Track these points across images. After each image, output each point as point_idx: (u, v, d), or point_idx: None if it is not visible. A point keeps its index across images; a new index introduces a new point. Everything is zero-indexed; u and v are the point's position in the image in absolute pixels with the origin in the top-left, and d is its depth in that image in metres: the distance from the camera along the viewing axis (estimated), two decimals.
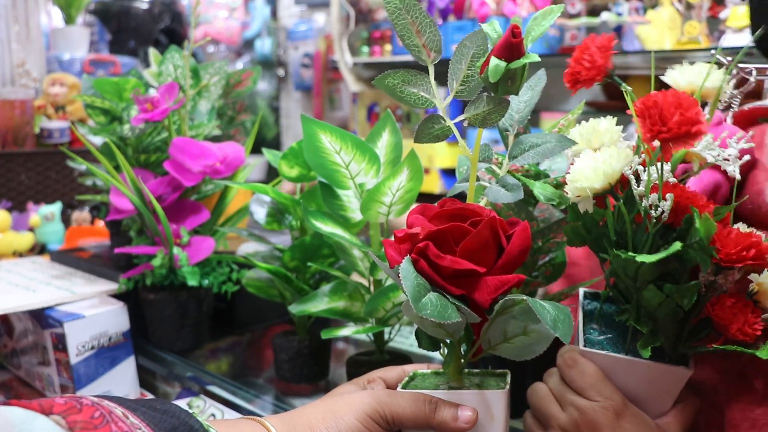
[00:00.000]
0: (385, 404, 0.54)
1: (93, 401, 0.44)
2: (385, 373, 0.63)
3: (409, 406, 0.54)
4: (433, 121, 0.58)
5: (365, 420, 0.53)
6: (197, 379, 0.97)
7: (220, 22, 3.72)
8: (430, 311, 0.49)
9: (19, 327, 1.05)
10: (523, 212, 0.69)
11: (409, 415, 0.54)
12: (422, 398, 0.55)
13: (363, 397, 0.55)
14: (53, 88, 1.94)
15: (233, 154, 1.02)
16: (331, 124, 0.71)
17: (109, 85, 1.08)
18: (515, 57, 0.53)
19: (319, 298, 0.81)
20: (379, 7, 2.85)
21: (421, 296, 0.50)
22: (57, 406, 0.42)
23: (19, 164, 1.82)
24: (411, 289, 0.49)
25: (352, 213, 0.77)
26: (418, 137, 0.59)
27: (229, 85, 1.28)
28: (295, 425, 0.53)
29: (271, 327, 1.17)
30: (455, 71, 0.57)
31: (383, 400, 0.54)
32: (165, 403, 0.49)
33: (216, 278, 1.02)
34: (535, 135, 0.62)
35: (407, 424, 0.54)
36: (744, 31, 1.83)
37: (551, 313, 0.51)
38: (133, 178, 0.99)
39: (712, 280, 0.54)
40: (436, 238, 0.53)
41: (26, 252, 1.51)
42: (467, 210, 0.55)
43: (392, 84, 0.58)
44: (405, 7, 0.55)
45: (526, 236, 0.54)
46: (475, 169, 0.60)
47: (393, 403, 0.54)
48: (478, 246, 0.52)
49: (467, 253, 0.52)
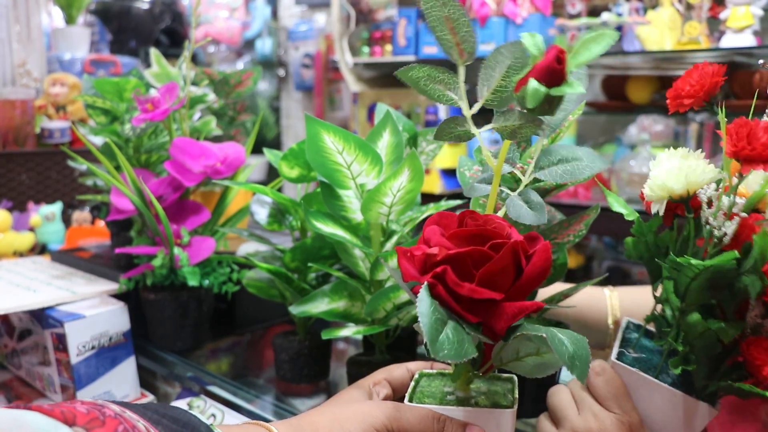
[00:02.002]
0: (393, 419, 0.54)
1: (116, 412, 0.43)
2: (389, 374, 0.63)
3: (417, 423, 0.54)
4: (456, 122, 0.57)
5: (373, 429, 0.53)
6: (197, 379, 0.97)
7: (221, 23, 3.72)
8: (446, 352, 0.47)
9: (20, 327, 1.05)
10: None
11: (412, 426, 0.54)
12: (430, 415, 0.54)
13: (371, 409, 0.55)
14: (54, 88, 1.94)
15: (234, 155, 1.02)
16: (332, 124, 0.71)
17: (109, 85, 1.08)
18: (556, 83, 0.51)
19: (320, 299, 0.81)
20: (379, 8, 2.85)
21: (438, 334, 0.48)
22: (80, 416, 0.41)
23: (19, 164, 1.82)
24: (428, 327, 0.48)
25: (352, 213, 0.77)
26: (439, 135, 0.57)
27: (229, 86, 1.28)
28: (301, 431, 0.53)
29: (272, 327, 1.17)
30: (487, 78, 0.54)
31: (392, 414, 0.54)
32: (184, 412, 0.49)
33: (216, 278, 1.02)
34: (565, 147, 0.59)
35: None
36: (744, 32, 1.83)
37: (569, 350, 0.49)
38: (133, 178, 0.99)
39: (759, 323, 0.54)
40: (454, 261, 0.51)
41: (27, 252, 1.51)
42: (488, 230, 0.53)
43: (416, 77, 0.56)
44: (442, 1, 0.53)
45: (547, 258, 0.52)
46: (498, 179, 0.58)
47: (402, 419, 0.54)
48: (498, 271, 0.51)
49: (486, 279, 0.51)
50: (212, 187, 1.17)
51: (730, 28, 1.85)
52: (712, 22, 1.98)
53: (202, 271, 1.01)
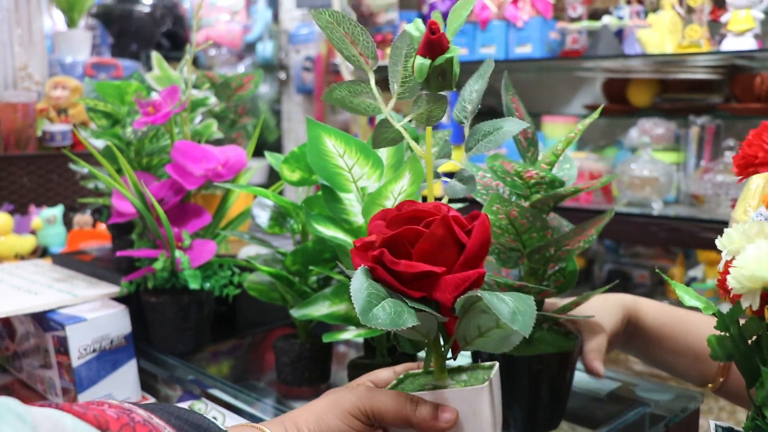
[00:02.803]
0: (365, 400, 0.55)
1: (144, 418, 0.43)
2: (375, 376, 0.63)
3: (390, 403, 0.55)
4: (384, 126, 0.59)
5: (346, 417, 0.54)
6: (198, 382, 0.97)
7: (222, 26, 3.73)
8: (381, 320, 0.49)
9: (21, 330, 1.05)
10: (538, 221, 0.68)
11: (391, 411, 0.54)
12: (403, 396, 0.55)
13: (344, 394, 0.56)
14: (55, 91, 1.94)
15: (235, 158, 1.02)
16: (333, 127, 0.71)
17: (111, 88, 1.08)
18: (439, 53, 0.54)
19: (321, 302, 0.81)
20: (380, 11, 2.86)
21: (371, 307, 0.50)
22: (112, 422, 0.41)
23: (21, 167, 1.82)
24: (360, 301, 0.50)
25: (354, 217, 0.77)
26: (376, 143, 0.60)
27: (230, 89, 1.28)
28: (283, 427, 0.55)
29: (273, 330, 1.17)
30: (393, 74, 0.58)
31: (363, 396, 0.55)
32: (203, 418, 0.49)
33: (217, 281, 1.02)
34: (487, 123, 0.61)
35: (388, 421, 0.55)
36: (745, 35, 1.83)
37: (509, 306, 0.50)
38: (135, 181, 0.99)
39: None
40: (390, 243, 0.53)
41: (28, 255, 1.52)
42: (423, 211, 0.55)
43: (340, 97, 0.59)
44: (336, 21, 0.56)
45: (485, 230, 0.54)
46: (431, 167, 0.61)
47: (373, 399, 0.55)
48: (434, 247, 0.53)
49: (424, 256, 0.52)
50: (213, 190, 1.17)
51: (730, 31, 1.85)
52: (713, 25, 1.98)
53: (203, 274, 1.01)
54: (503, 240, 0.71)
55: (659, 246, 2.38)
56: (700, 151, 2.15)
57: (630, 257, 2.46)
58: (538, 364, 0.71)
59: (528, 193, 0.71)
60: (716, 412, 1.97)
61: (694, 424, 0.85)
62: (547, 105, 2.65)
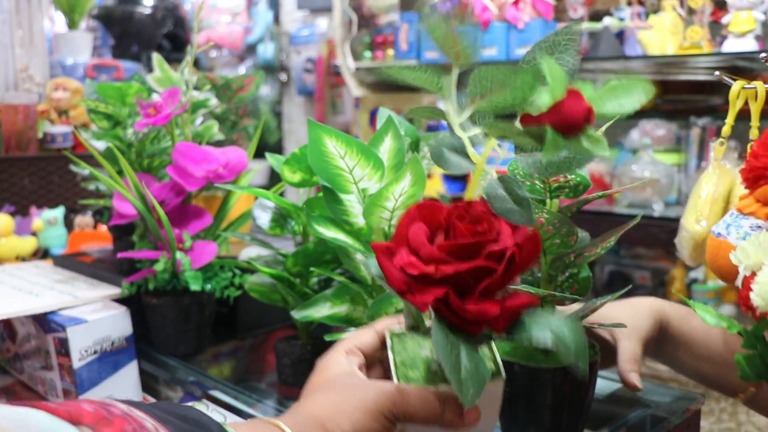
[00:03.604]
0: (400, 405, 0.54)
1: (123, 411, 0.42)
2: (359, 341, 0.62)
3: (423, 407, 0.55)
4: (433, 111, 0.56)
5: (380, 419, 0.54)
6: (199, 383, 0.97)
7: (223, 27, 3.73)
8: (472, 391, 0.49)
9: (22, 331, 1.05)
10: (565, 227, 0.66)
11: (421, 415, 0.55)
12: (432, 398, 0.55)
13: (376, 395, 0.55)
14: (56, 92, 1.94)
15: (236, 159, 1.02)
16: (334, 128, 0.71)
17: (112, 89, 1.08)
18: (574, 134, 0.46)
19: (322, 303, 0.81)
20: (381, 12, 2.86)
21: (459, 371, 0.49)
22: (86, 415, 0.40)
23: (22, 169, 1.82)
24: (450, 368, 0.49)
25: (354, 218, 0.77)
26: (413, 112, 0.56)
27: (231, 90, 1.28)
28: (306, 426, 0.53)
29: (274, 331, 1.17)
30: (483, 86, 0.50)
31: (397, 400, 0.55)
32: (193, 410, 0.48)
33: (218, 283, 1.02)
34: None
35: (416, 422, 0.55)
36: (746, 36, 1.83)
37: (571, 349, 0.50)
38: (136, 182, 0.99)
39: None
40: (454, 280, 0.50)
41: (29, 256, 1.52)
42: (481, 236, 0.51)
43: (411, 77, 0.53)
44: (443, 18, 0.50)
45: (536, 250, 0.52)
46: (479, 177, 0.56)
47: (407, 405, 0.54)
48: (498, 285, 0.51)
49: (487, 291, 0.51)
50: (214, 191, 1.17)
51: (731, 32, 1.85)
52: (714, 26, 1.98)
53: (204, 276, 1.01)
54: None
55: (660, 247, 2.38)
56: (701, 152, 2.15)
57: (631, 258, 2.46)
58: (562, 376, 0.69)
59: (547, 197, 0.69)
60: (717, 414, 1.97)
61: (695, 426, 0.85)
62: None
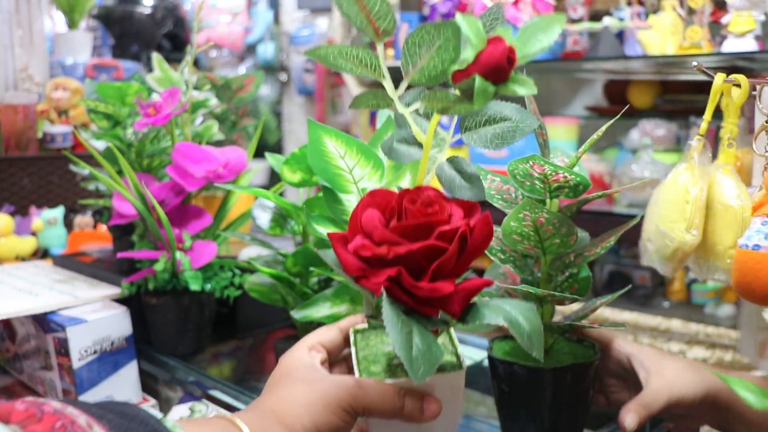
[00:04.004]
0: (359, 398, 0.55)
1: (55, 408, 0.42)
2: (321, 337, 0.63)
3: (382, 400, 0.55)
4: (376, 96, 0.55)
5: (339, 413, 0.54)
6: (199, 383, 0.97)
7: (223, 27, 3.73)
8: (423, 369, 0.49)
9: (22, 331, 1.05)
10: (564, 227, 0.66)
11: (380, 408, 0.55)
12: (392, 390, 0.56)
13: (336, 389, 0.55)
14: (56, 92, 1.94)
15: (236, 159, 1.02)
16: (334, 128, 0.71)
17: (111, 89, 1.08)
18: (502, 80, 0.49)
19: (321, 303, 0.81)
20: None
21: (410, 350, 0.49)
22: (16, 413, 0.40)
23: (21, 168, 1.82)
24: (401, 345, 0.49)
25: None
26: (356, 103, 0.55)
27: (231, 90, 1.28)
28: (264, 420, 0.53)
29: (273, 332, 1.17)
30: (412, 56, 0.52)
31: (355, 392, 0.55)
32: (134, 407, 0.48)
33: (218, 283, 1.02)
34: (492, 105, 0.55)
35: (377, 415, 0.56)
36: (746, 36, 1.83)
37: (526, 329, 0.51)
38: (135, 182, 0.99)
39: None
40: (406, 260, 0.51)
41: (29, 256, 1.51)
42: (432, 218, 0.52)
43: (325, 54, 0.53)
44: None
45: (489, 231, 0.53)
46: (427, 154, 0.56)
47: (367, 397, 0.55)
48: (452, 264, 0.52)
49: (439, 271, 0.52)
50: (214, 191, 1.17)
51: (731, 32, 1.85)
52: (714, 26, 1.98)
53: (204, 276, 1.01)
54: (520, 248, 0.69)
55: None
56: None
57: (631, 258, 2.46)
58: (562, 376, 0.69)
59: (547, 197, 0.69)
60: None
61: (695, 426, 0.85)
62: (547, 106, 2.65)
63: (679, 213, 0.73)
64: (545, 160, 0.62)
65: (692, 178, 0.74)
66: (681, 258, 0.75)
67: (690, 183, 0.74)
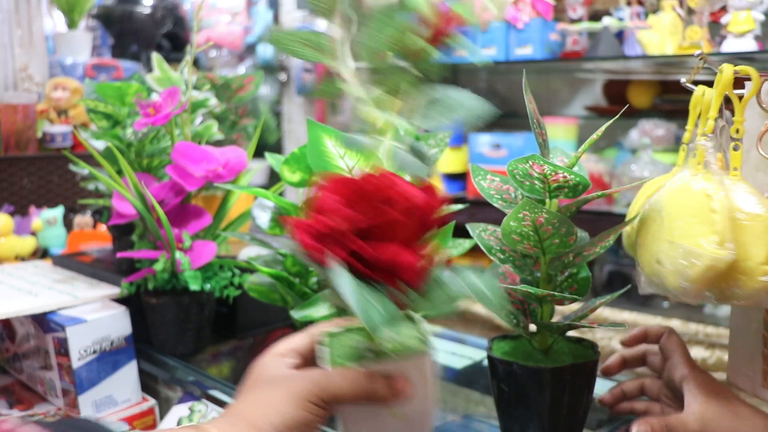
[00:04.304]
0: (323, 387, 0.53)
1: (11, 427, 0.42)
2: (291, 342, 0.62)
3: (348, 385, 0.54)
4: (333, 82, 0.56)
5: (307, 406, 0.53)
6: (199, 383, 0.97)
7: (222, 27, 3.73)
8: (386, 332, 0.48)
9: (21, 331, 1.05)
10: (564, 226, 0.66)
11: (349, 395, 0.54)
12: (357, 375, 0.54)
13: (298, 381, 0.54)
14: (56, 92, 1.94)
15: (235, 159, 1.02)
16: (333, 128, 0.71)
17: (111, 89, 1.08)
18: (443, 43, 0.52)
19: (321, 303, 0.81)
20: None
21: (368, 308, 0.49)
22: None
23: (21, 168, 1.82)
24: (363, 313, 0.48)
25: None
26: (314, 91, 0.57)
27: (231, 90, 1.28)
28: (234, 426, 0.52)
29: (273, 331, 1.17)
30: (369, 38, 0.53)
31: (320, 381, 0.54)
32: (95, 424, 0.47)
33: (218, 282, 1.02)
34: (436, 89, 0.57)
35: (346, 402, 0.54)
36: (745, 36, 1.83)
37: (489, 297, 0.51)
38: (135, 182, 0.99)
39: None
40: (364, 232, 0.51)
41: (28, 256, 1.51)
42: (385, 190, 0.52)
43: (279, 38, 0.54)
44: None
45: (440, 203, 0.54)
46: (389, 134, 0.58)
47: (331, 384, 0.54)
48: (410, 234, 0.52)
49: (395, 242, 0.52)
50: (214, 191, 1.17)
51: (731, 32, 1.85)
52: (714, 26, 1.98)
53: (203, 276, 1.01)
54: (520, 247, 0.69)
55: None
56: None
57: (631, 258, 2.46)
58: (562, 376, 0.69)
59: (546, 197, 0.68)
60: None
61: None
62: (547, 106, 2.65)
63: (706, 225, 0.62)
64: (545, 160, 0.62)
65: (711, 184, 0.64)
66: (712, 278, 0.62)
67: (710, 189, 0.63)
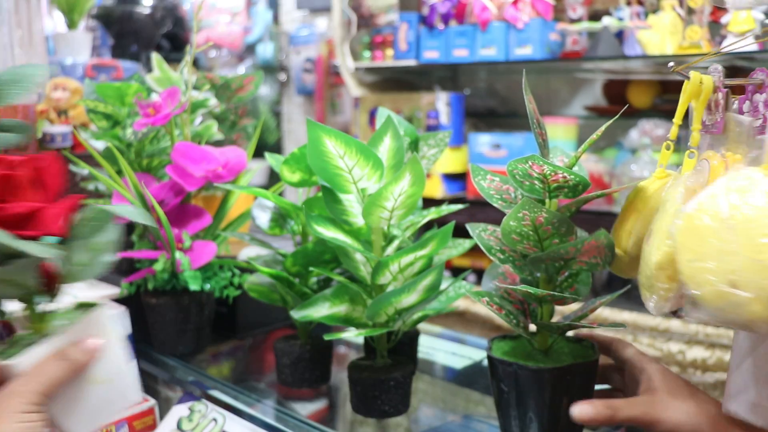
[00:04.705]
0: (25, 385, 0.55)
1: None
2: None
3: (45, 370, 0.56)
4: None
5: (18, 417, 0.53)
6: (199, 383, 0.97)
7: (222, 27, 3.73)
8: None
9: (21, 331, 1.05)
10: (564, 226, 0.66)
11: (45, 377, 0.55)
12: (51, 357, 0.57)
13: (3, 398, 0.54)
14: (56, 92, 1.94)
15: (235, 159, 1.02)
16: (333, 128, 0.71)
17: (111, 89, 1.08)
18: None
19: (321, 303, 0.81)
20: (380, 12, 2.86)
21: None
22: None
23: None
24: None
25: (354, 218, 0.77)
26: None
27: (231, 90, 1.28)
28: None
29: (273, 331, 1.17)
30: None
31: (20, 382, 0.55)
32: None
33: (218, 282, 1.02)
34: None
35: (59, 386, 0.56)
36: (745, 36, 1.83)
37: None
38: (135, 182, 0.99)
39: None
40: None
41: None
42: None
43: None
44: None
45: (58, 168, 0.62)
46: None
47: (30, 378, 0.55)
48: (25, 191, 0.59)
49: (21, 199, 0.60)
50: (214, 191, 1.17)
51: (731, 32, 1.85)
52: (714, 26, 1.98)
53: (203, 276, 1.01)
54: (520, 247, 0.69)
55: None
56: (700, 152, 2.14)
57: None
58: (562, 376, 0.69)
59: (546, 197, 0.68)
60: None
61: None
62: (547, 106, 2.65)
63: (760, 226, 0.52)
64: (544, 160, 0.62)
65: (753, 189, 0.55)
66: None
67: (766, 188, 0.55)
